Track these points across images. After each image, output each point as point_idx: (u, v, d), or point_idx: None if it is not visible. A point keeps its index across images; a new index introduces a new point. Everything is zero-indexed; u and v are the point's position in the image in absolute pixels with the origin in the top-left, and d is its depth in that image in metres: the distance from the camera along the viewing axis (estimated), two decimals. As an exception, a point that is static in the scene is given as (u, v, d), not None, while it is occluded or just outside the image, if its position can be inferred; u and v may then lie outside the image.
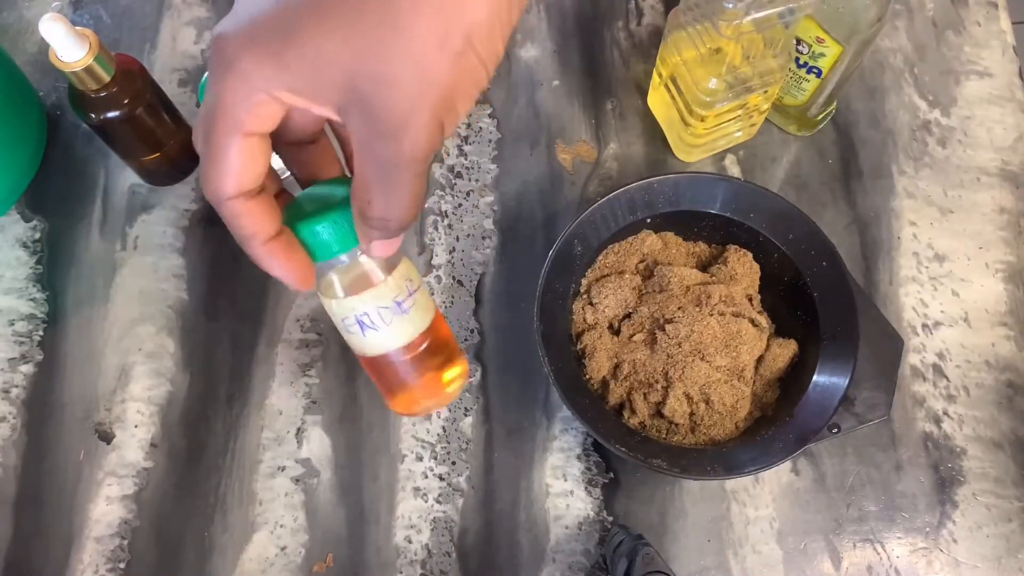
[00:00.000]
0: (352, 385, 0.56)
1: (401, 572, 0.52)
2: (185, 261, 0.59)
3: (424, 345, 0.35)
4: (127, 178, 0.61)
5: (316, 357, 0.57)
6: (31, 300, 0.58)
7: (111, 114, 0.51)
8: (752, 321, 0.53)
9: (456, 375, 0.36)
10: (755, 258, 0.55)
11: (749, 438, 0.51)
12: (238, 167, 0.28)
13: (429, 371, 0.35)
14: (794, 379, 0.53)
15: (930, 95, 0.64)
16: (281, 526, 0.53)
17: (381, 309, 0.34)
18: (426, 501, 0.54)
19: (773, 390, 0.53)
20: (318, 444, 0.55)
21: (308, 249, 0.30)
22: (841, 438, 0.53)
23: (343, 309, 0.33)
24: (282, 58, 0.25)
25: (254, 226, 0.29)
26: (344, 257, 0.32)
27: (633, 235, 0.55)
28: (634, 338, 0.53)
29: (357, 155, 0.27)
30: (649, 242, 0.55)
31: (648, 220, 0.55)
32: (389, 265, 0.34)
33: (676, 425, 0.51)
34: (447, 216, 0.60)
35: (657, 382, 0.51)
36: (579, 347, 0.53)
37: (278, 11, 0.26)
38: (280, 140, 0.30)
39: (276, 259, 0.29)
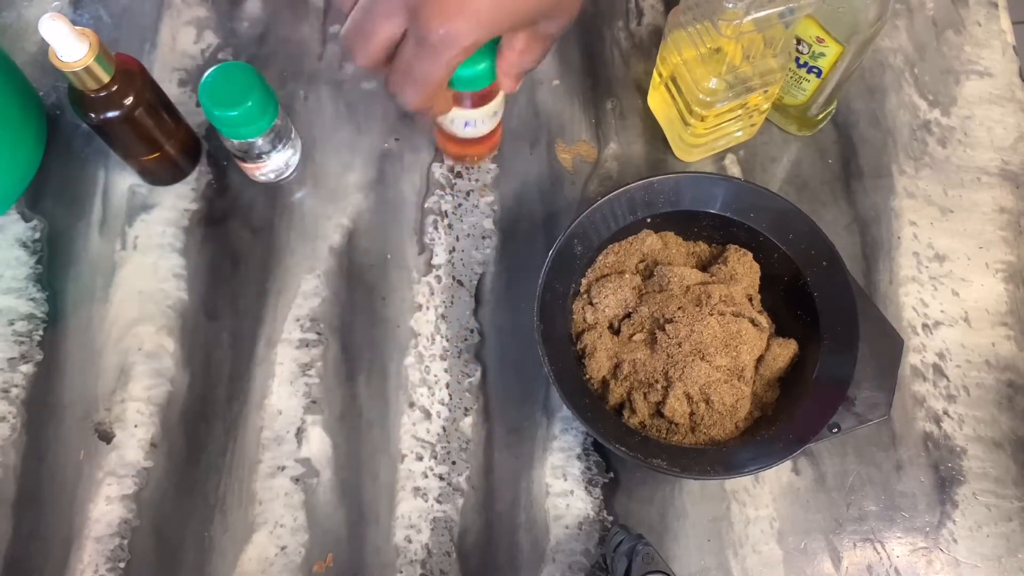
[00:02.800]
0: (352, 385, 0.56)
1: (401, 572, 0.52)
2: (185, 261, 0.59)
3: (491, 137, 0.58)
4: (127, 178, 0.61)
5: (316, 357, 0.57)
6: (31, 300, 0.58)
7: (111, 114, 0.51)
8: (752, 321, 0.53)
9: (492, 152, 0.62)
10: (755, 258, 0.55)
11: (749, 438, 0.51)
12: (440, 88, 0.41)
13: (485, 146, 0.59)
14: (794, 379, 0.53)
15: (930, 95, 0.64)
16: (281, 526, 0.53)
17: (485, 116, 0.54)
18: (426, 501, 0.54)
19: (773, 390, 0.53)
20: (318, 444, 0.55)
21: (464, 81, 0.47)
22: (841, 438, 0.53)
23: (463, 115, 0.53)
24: (495, 18, 0.37)
25: (441, 106, 0.45)
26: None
27: (633, 235, 0.55)
28: (634, 338, 0.53)
29: (530, 39, 0.42)
30: (649, 242, 0.55)
31: (648, 220, 0.55)
32: (497, 86, 0.50)
33: (676, 425, 0.51)
34: (447, 216, 0.60)
35: (657, 382, 0.51)
36: (579, 347, 0.53)
37: None
38: None
39: (445, 107, 0.46)
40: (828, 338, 0.51)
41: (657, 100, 0.61)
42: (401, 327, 0.57)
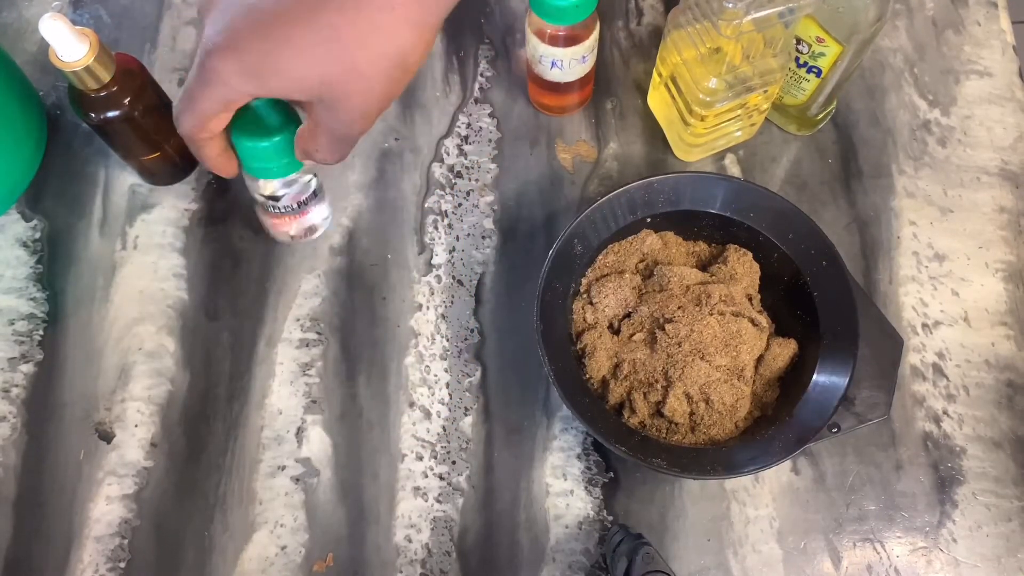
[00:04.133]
0: (352, 384, 0.56)
1: (401, 571, 0.52)
2: (185, 261, 0.59)
3: (581, 87, 0.60)
4: (127, 178, 0.61)
5: (316, 356, 0.57)
6: (31, 299, 0.58)
7: (111, 114, 0.51)
8: (752, 320, 0.53)
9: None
10: (755, 258, 0.55)
11: (749, 438, 0.51)
12: (211, 131, 0.40)
13: (575, 96, 0.61)
14: (794, 379, 0.53)
15: (930, 95, 0.64)
16: (281, 525, 0.53)
17: (572, 60, 0.55)
18: (426, 500, 0.54)
19: (773, 390, 0.53)
20: (318, 443, 0.55)
21: (546, 11, 0.51)
22: (841, 438, 0.53)
23: (550, 53, 0.54)
24: (261, 75, 0.35)
25: (210, 150, 0.42)
26: None
27: (633, 235, 0.55)
28: (634, 337, 0.53)
29: (314, 124, 0.39)
30: (649, 242, 0.55)
31: (648, 220, 0.55)
32: (588, 31, 0.54)
33: (676, 425, 0.51)
34: (447, 216, 0.60)
35: (657, 381, 0.51)
36: (579, 347, 0.53)
37: (257, 26, 0.34)
38: None
39: (220, 164, 0.44)
40: (828, 338, 0.51)
41: (657, 100, 0.61)
42: (401, 327, 0.57)
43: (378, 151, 0.62)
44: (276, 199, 0.51)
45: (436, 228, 0.60)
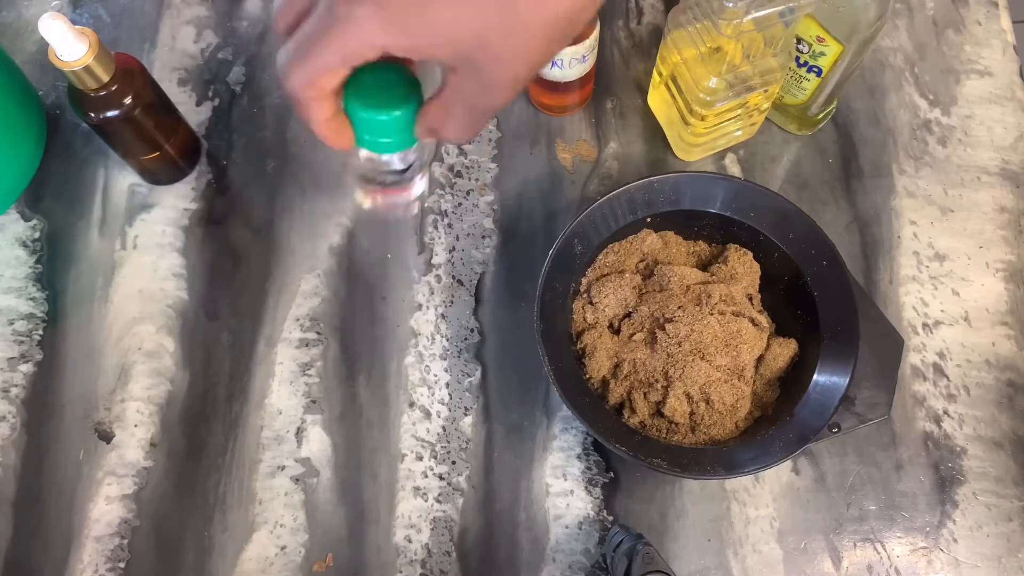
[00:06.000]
0: (352, 384, 0.56)
1: (401, 571, 0.52)
2: (185, 260, 0.59)
3: (580, 86, 0.59)
4: (127, 177, 0.61)
5: (316, 356, 0.56)
6: (31, 299, 0.58)
7: (110, 113, 0.51)
8: (752, 320, 0.53)
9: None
10: (755, 257, 0.55)
11: (749, 437, 0.51)
12: (323, 89, 0.33)
13: (575, 96, 0.61)
14: (794, 378, 0.53)
15: (930, 94, 0.64)
16: (281, 525, 0.53)
17: (573, 59, 0.55)
18: (426, 500, 0.54)
19: (773, 389, 0.53)
20: (318, 443, 0.55)
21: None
22: (841, 438, 0.53)
23: None
24: (406, 24, 0.30)
25: (318, 112, 0.34)
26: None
27: (633, 234, 0.55)
28: (634, 337, 0.52)
29: (450, 93, 0.33)
30: (649, 241, 0.55)
31: (648, 219, 0.55)
32: (588, 30, 0.53)
33: (676, 424, 0.51)
34: (447, 215, 0.60)
35: (657, 381, 0.51)
36: (579, 346, 0.53)
37: None
38: None
39: (329, 131, 0.36)
40: (828, 338, 0.51)
41: (657, 99, 0.61)
42: (401, 326, 0.57)
43: (378, 151, 0.62)
44: (385, 171, 0.44)
45: (436, 228, 0.60)
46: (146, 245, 0.59)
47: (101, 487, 0.54)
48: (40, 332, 0.57)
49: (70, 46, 0.47)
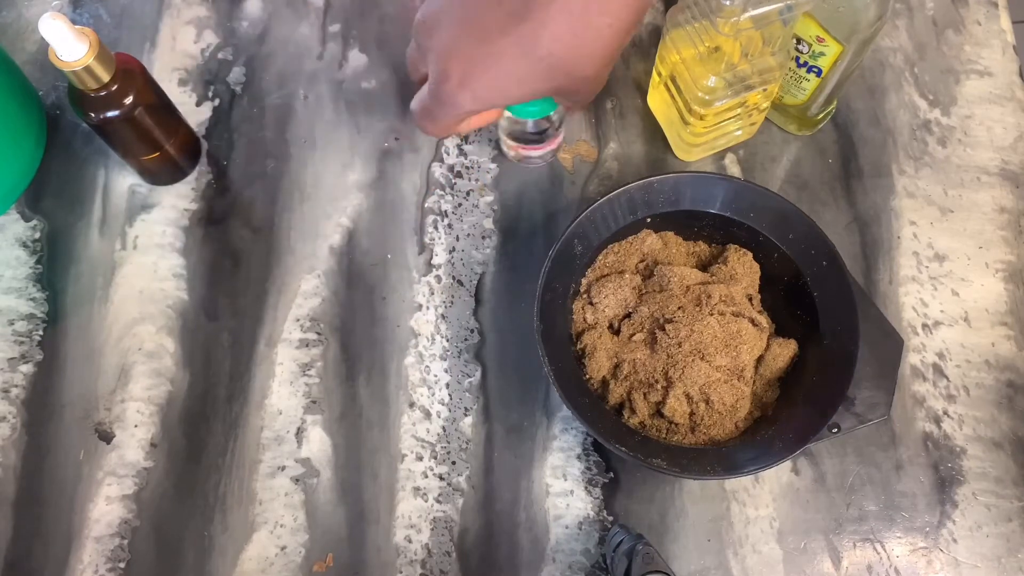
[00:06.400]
0: (352, 385, 0.56)
1: (401, 572, 0.52)
2: (185, 261, 0.59)
3: None
4: (127, 178, 0.61)
5: (316, 357, 0.57)
6: (31, 300, 0.58)
7: (110, 113, 0.51)
8: (752, 321, 0.53)
9: None
10: (755, 258, 0.55)
11: (749, 438, 0.51)
12: (457, 131, 0.48)
13: None
14: (794, 379, 0.53)
15: (930, 94, 0.64)
16: (281, 526, 0.53)
17: None
18: (426, 501, 0.54)
19: (773, 390, 0.53)
20: (318, 444, 0.55)
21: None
22: (841, 438, 0.53)
23: None
24: (491, 101, 0.42)
25: (464, 131, 0.51)
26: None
27: (633, 235, 0.55)
28: (634, 338, 0.53)
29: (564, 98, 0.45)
30: (649, 242, 0.55)
31: (648, 220, 0.55)
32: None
33: (676, 425, 0.51)
34: (447, 216, 0.60)
35: (657, 382, 0.51)
36: (579, 347, 0.53)
37: (485, 58, 0.40)
38: None
39: (477, 126, 0.51)
40: (828, 338, 0.51)
41: (657, 99, 0.61)
42: (401, 327, 0.57)
43: (378, 151, 0.62)
44: (525, 132, 0.57)
45: (436, 228, 0.60)
46: (146, 245, 0.59)
47: (101, 487, 0.54)
48: (40, 332, 0.57)
49: (70, 46, 0.47)
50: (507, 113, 0.54)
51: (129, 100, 0.52)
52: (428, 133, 0.46)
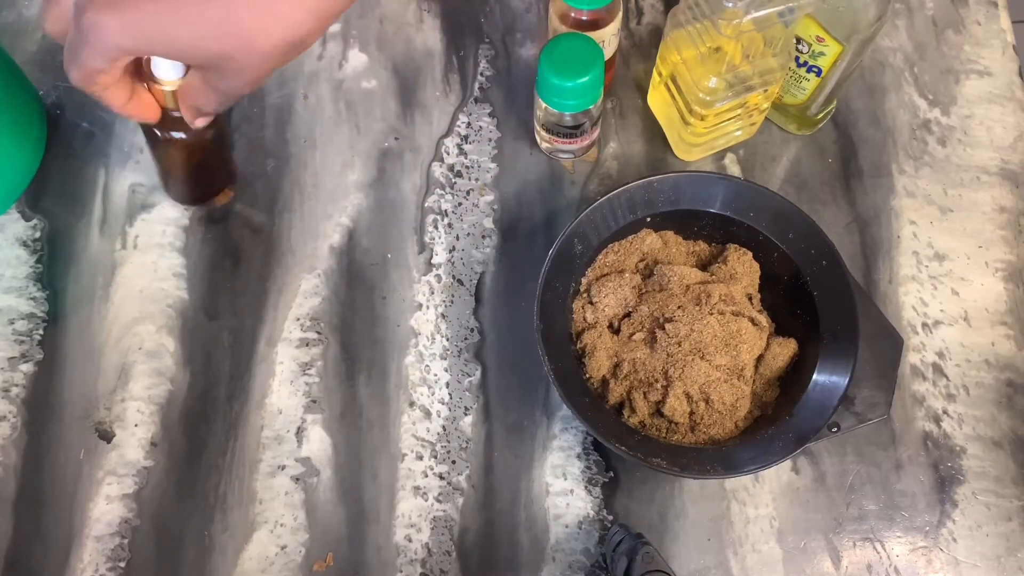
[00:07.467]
0: (352, 384, 0.56)
1: (401, 571, 0.52)
2: (185, 260, 0.59)
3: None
4: (127, 177, 0.61)
5: (316, 356, 0.57)
6: (31, 299, 0.58)
7: (177, 134, 0.51)
8: (752, 320, 0.53)
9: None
10: (755, 257, 0.55)
11: (749, 437, 0.51)
12: (103, 84, 0.39)
13: None
14: (794, 378, 0.53)
15: (930, 94, 0.64)
16: (281, 525, 0.53)
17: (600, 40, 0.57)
18: (426, 500, 0.54)
19: (773, 389, 0.53)
20: (318, 443, 0.55)
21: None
22: (841, 437, 0.53)
23: None
24: (147, 37, 0.35)
25: (111, 100, 0.40)
26: None
27: (633, 234, 0.55)
28: (634, 337, 0.53)
29: (202, 82, 0.39)
30: (649, 241, 0.55)
31: (648, 219, 0.55)
32: (611, 15, 0.55)
33: (676, 424, 0.51)
34: (447, 215, 0.60)
35: (657, 381, 0.51)
36: (579, 346, 0.53)
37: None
38: None
39: (130, 112, 0.43)
40: (828, 337, 0.51)
41: (657, 99, 0.61)
42: (401, 326, 0.57)
43: (378, 151, 0.62)
44: (561, 126, 0.56)
45: (436, 227, 0.60)
46: (146, 245, 0.59)
47: (101, 486, 0.54)
48: (40, 332, 0.57)
49: (173, 65, 0.45)
50: (545, 105, 0.54)
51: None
52: (72, 80, 0.38)
